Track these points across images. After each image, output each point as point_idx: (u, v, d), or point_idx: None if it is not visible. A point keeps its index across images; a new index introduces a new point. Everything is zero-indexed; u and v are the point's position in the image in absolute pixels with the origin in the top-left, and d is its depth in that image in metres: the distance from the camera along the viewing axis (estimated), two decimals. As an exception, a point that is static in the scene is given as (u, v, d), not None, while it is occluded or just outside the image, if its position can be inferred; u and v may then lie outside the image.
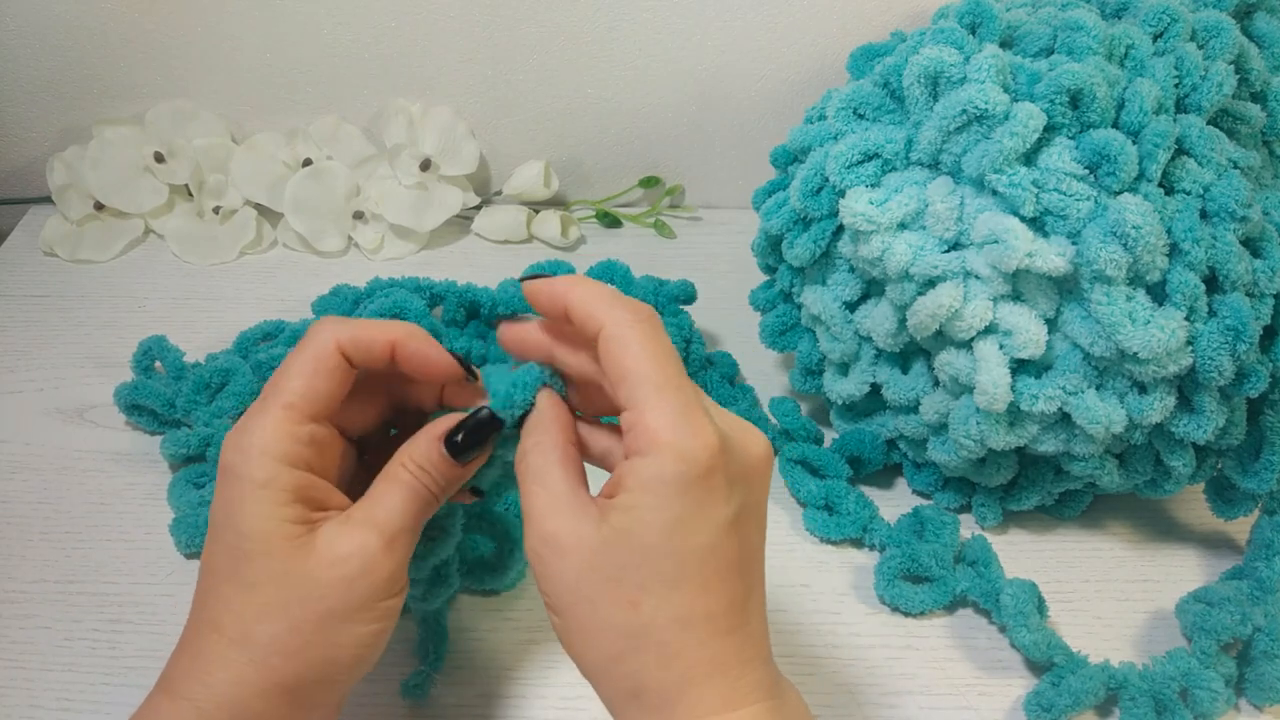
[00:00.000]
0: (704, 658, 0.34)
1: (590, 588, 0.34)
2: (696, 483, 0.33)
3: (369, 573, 0.36)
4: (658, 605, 0.33)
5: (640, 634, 0.33)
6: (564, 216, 0.72)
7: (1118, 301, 0.45)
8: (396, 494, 0.37)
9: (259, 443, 0.36)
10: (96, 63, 0.70)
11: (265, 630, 0.35)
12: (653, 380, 0.34)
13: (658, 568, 0.33)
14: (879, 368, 0.54)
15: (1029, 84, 0.46)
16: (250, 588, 0.35)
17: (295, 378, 0.37)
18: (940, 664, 0.49)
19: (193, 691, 0.35)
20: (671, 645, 0.34)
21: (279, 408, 0.36)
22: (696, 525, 0.33)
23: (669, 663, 0.34)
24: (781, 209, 0.54)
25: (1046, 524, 0.56)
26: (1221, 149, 0.46)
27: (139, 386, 0.58)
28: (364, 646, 0.36)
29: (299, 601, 0.35)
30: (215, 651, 0.36)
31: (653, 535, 0.33)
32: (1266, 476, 0.49)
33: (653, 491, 0.33)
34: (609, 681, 0.35)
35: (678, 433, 0.33)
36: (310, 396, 0.37)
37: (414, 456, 0.37)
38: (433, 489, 0.38)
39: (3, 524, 0.54)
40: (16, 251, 0.71)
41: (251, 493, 0.35)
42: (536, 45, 0.69)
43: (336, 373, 0.37)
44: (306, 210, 0.70)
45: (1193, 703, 0.46)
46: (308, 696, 0.36)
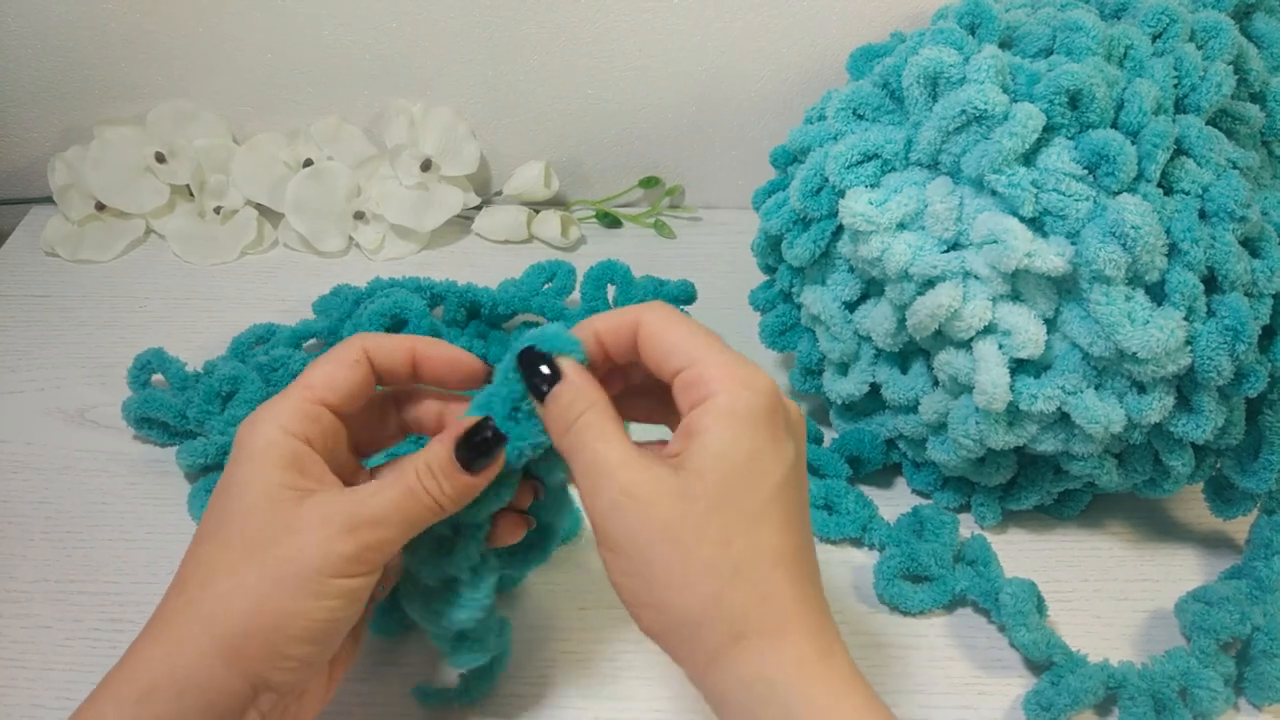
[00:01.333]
0: (795, 596, 0.35)
1: (680, 532, 0.34)
2: (765, 416, 0.35)
3: (325, 545, 0.36)
4: (747, 542, 0.34)
5: (736, 571, 0.34)
6: (564, 216, 0.73)
7: (1117, 301, 0.45)
8: (390, 486, 0.37)
9: (270, 411, 0.38)
10: (97, 63, 0.70)
11: (222, 584, 0.36)
12: (703, 342, 0.36)
13: (741, 504, 0.34)
14: (878, 367, 0.54)
15: (1028, 84, 0.46)
16: (224, 545, 0.36)
17: (319, 367, 0.39)
18: (940, 663, 0.49)
19: (144, 655, 0.36)
20: (766, 582, 0.34)
21: (298, 387, 0.38)
22: (770, 461, 0.35)
23: (767, 599, 0.34)
24: (781, 209, 0.54)
25: (1046, 523, 0.56)
26: (1220, 149, 0.46)
27: (149, 399, 0.57)
28: (312, 620, 0.36)
29: (260, 559, 0.36)
30: (171, 609, 0.36)
31: (734, 470, 0.34)
32: (1265, 476, 0.49)
33: (729, 426, 0.34)
34: (707, 630, 0.34)
35: (741, 374, 0.35)
36: (328, 382, 0.38)
37: (425, 457, 0.38)
38: (435, 493, 0.37)
39: (3, 524, 0.54)
40: (18, 251, 0.71)
41: (253, 453, 0.37)
42: (537, 45, 0.69)
43: (358, 368, 0.39)
44: (307, 210, 0.70)
45: (1192, 702, 0.46)
46: (253, 664, 0.36)
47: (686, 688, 0.47)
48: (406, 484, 0.37)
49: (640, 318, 0.37)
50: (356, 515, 0.36)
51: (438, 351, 0.40)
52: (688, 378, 0.36)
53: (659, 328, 0.37)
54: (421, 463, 0.37)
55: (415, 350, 0.40)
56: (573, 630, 0.50)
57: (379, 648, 0.48)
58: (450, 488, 0.37)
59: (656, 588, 0.35)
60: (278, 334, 0.62)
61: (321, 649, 0.37)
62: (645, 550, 0.34)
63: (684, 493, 0.34)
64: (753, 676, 0.34)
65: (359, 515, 0.36)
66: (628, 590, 0.36)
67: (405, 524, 0.37)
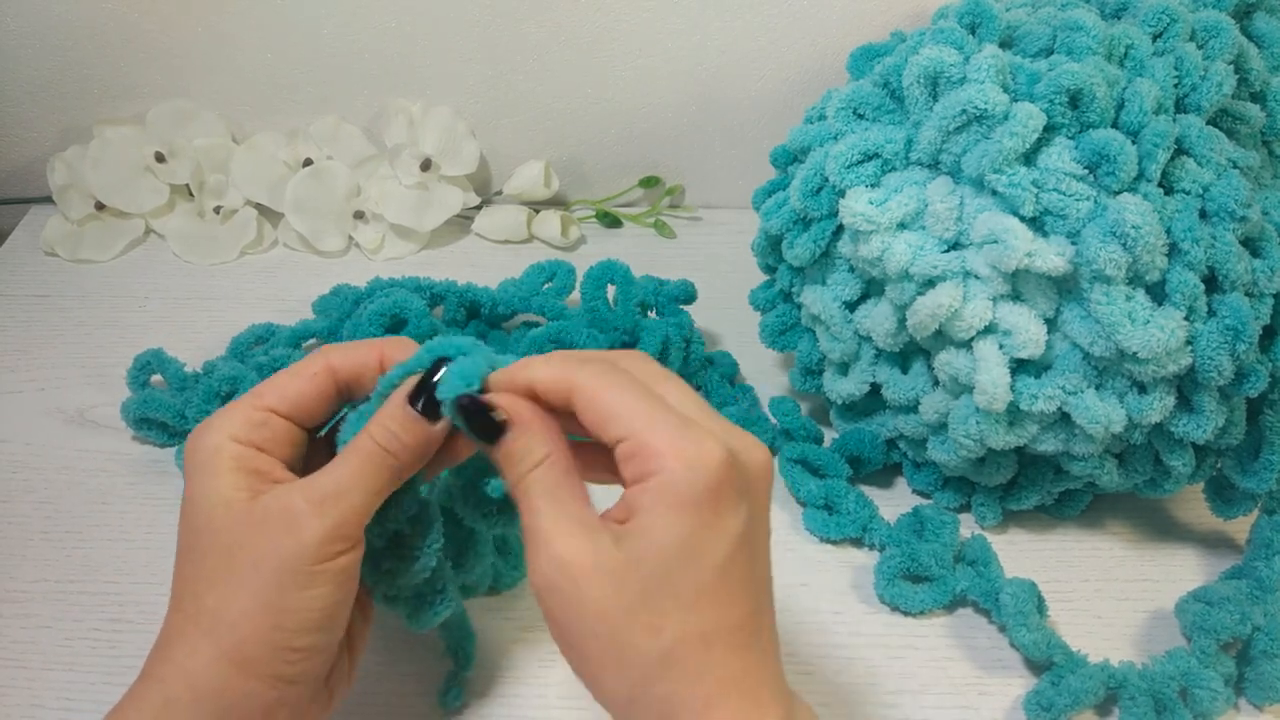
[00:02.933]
0: (726, 675, 0.33)
1: (610, 616, 0.33)
2: (707, 495, 0.33)
3: (295, 534, 0.35)
4: (678, 626, 0.33)
5: (665, 658, 0.33)
6: (564, 216, 0.72)
7: (1117, 301, 0.45)
8: (347, 459, 0.37)
9: (216, 422, 0.37)
10: (97, 63, 0.70)
11: (212, 599, 0.36)
12: (642, 410, 0.34)
13: (676, 589, 0.33)
14: (879, 367, 0.54)
15: (1029, 84, 0.46)
16: (200, 560, 0.36)
17: (273, 378, 0.39)
18: (940, 663, 0.49)
19: (159, 672, 0.36)
20: (696, 665, 0.33)
21: (246, 397, 0.38)
22: (711, 541, 0.33)
23: (694, 683, 0.33)
24: (781, 209, 0.54)
25: (1046, 523, 0.56)
26: (1221, 149, 0.46)
27: (148, 399, 0.57)
28: (308, 611, 0.36)
29: (236, 565, 0.36)
30: (174, 629, 0.37)
31: (669, 556, 0.33)
32: (1266, 476, 0.49)
33: (665, 508, 0.33)
34: (637, 711, 0.34)
35: (683, 446, 0.33)
36: (280, 392, 0.38)
37: (379, 418, 0.37)
38: (395, 448, 0.36)
39: (3, 524, 0.54)
40: (17, 251, 0.71)
41: (201, 463, 0.37)
42: (536, 45, 0.69)
43: (314, 379, 0.38)
44: (307, 210, 0.70)
45: (1192, 702, 0.46)
46: (264, 666, 0.36)
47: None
48: (363, 449, 0.37)
49: (574, 383, 0.35)
50: (316, 495, 0.36)
51: (406, 352, 0.39)
52: (628, 449, 0.34)
53: (596, 394, 0.34)
54: (375, 424, 0.37)
55: (383, 355, 0.39)
56: (573, 630, 0.50)
57: (378, 649, 0.48)
58: (409, 437, 0.37)
59: (590, 666, 0.34)
60: (277, 334, 0.62)
61: (327, 634, 0.37)
62: (578, 628, 0.34)
63: (618, 575, 0.33)
64: None
65: (319, 494, 0.36)
66: (569, 661, 0.35)
67: (369, 490, 0.37)
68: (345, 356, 0.39)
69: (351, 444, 0.37)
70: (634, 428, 0.33)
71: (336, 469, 0.36)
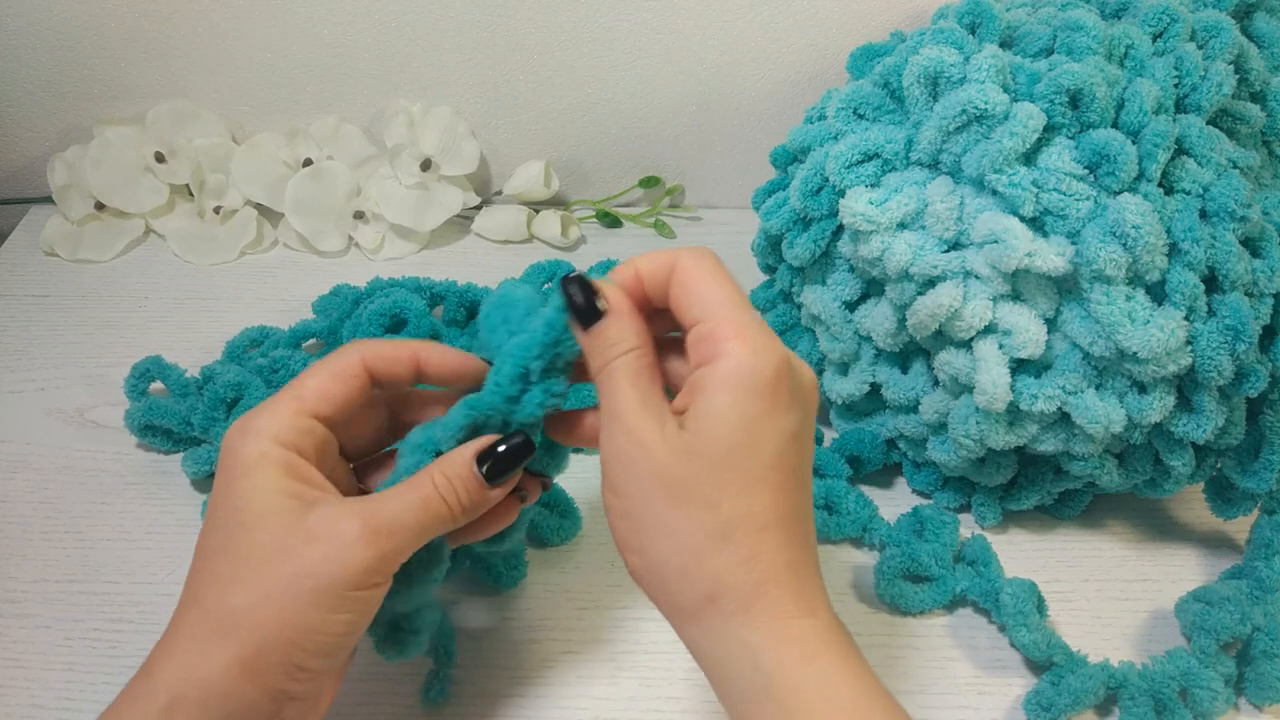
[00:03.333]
0: (780, 560, 0.35)
1: (674, 485, 0.35)
2: (768, 385, 0.35)
3: (343, 558, 0.35)
4: (736, 505, 0.34)
5: (722, 533, 0.34)
6: (564, 216, 0.72)
7: (1117, 301, 0.45)
8: (407, 494, 0.37)
9: (260, 423, 0.37)
10: (97, 63, 0.70)
11: (238, 598, 0.35)
12: (725, 298, 0.36)
13: (735, 468, 0.35)
14: (879, 367, 0.54)
15: (1029, 84, 0.46)
16: (236, 560, 0.36)
17: (312, 377, 0.38)
18: (940, 663, 0.49)
19: (165, 669, 0.36)
20: (751, 545, 0.35)
21: (289, 398, 0.38)
22: (768, 428, 0.35)
23: (749, 562, 0.35)
24: (781, 209, 0.54)
25: (1046, 523, 0.56)
26: (1221, 149, 0.46)
27: (153, 407, 0.56)
28: (330, 635, 0.36)
29: (274, 573, 0.35)
30: (189, 625, 0.36)
31: (730, 434, 0.34)
32: (1266, 476, 0.49)
33: (729, 390, 0.34)
34: (685, 584, 0.35)
35: (751, 337, 0.35)
36: (321, 395, 0.38)
37: (445, 468, 0.37)
38: (452, 504, 0.37)
39: (3, 524, 0.54)
40: (17, 251, 0.71)
41: (248, 465, 0.36)
42: (536, 45, 0.69)
43: (354, 381, 0.39)
44: (307, 210, 0.70)
45: (1192, 702, 0.46)
46: (273, 678, 0.36)
47: (686, 688, 0.47)
48: (423, 493, 0.37)
49: (677, 261, 0.37)
50: (372, 525, 0.36)
51: (442, 356, 0.40)
52: (701, 332, 0.36)
53: (690, 275, 0.37)
54: (439, 473, 0.37)
55: (418, 356, 0.40)
56: (572, 630, 0.50)
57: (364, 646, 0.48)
58: (468, 498, 0.38)
59: (644, 534, 0.35)
60: (271, 336, 0.62)
61: (336, 660, 0.37)
62: (640, 496, 0.35)
63: (683, 450, 0.35)
64: (727, 635, 0.35)
65: (376, 525, 0.36)
66: (621, 531, 0.36)
67: (420, 533, 0.37)
68: (379, 355, 0.39)
69: (415, 482, 0.37)
70: (713, 312, 0.36)
71: (396, 505, 0.37)
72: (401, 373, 0.40)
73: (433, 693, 0.46)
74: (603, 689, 0.48)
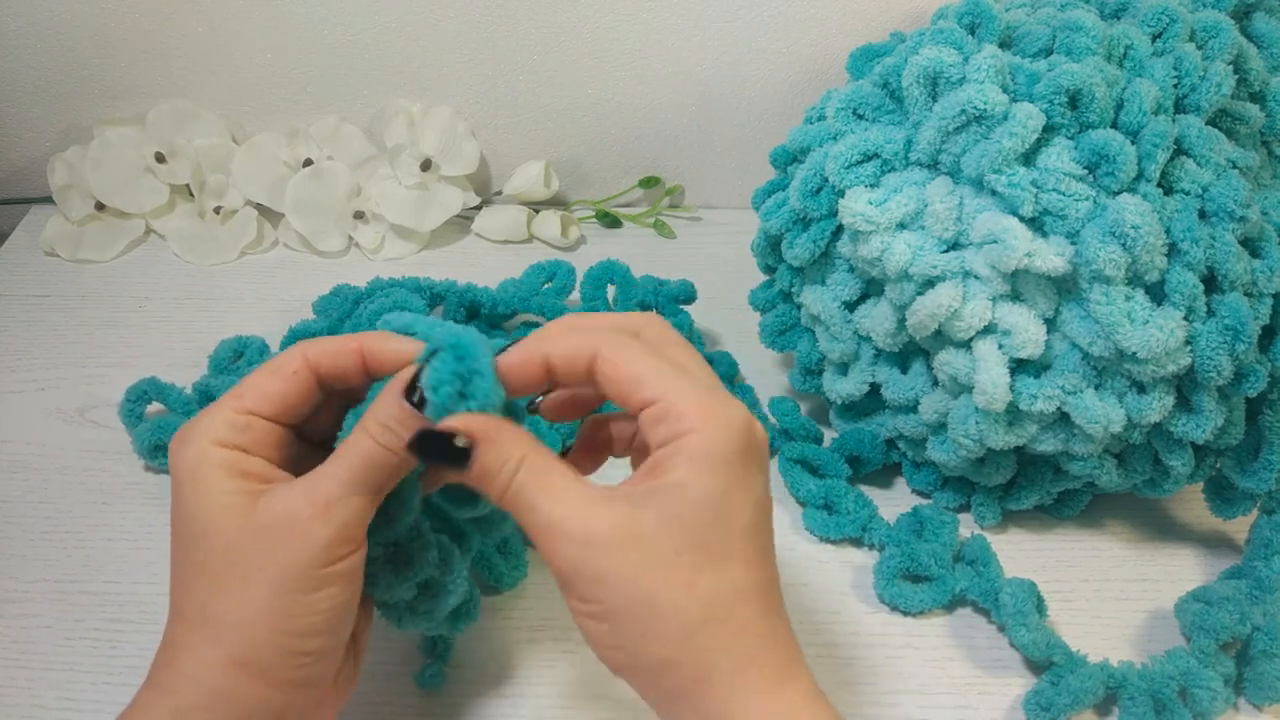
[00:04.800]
0: (762, 630, 0.34)
1: (646, 577, 0.33)
2: (739, 454, 0.34)
3: (301, 539, 0.35)
4: (713, 582, 0.34)
5: (703, 614, 0.34)
6: (564, 216, 0.73)
7: (1116, 301, 0.45)
8: (345, 458, 0.36)
9: (198, 428, 0.36)
10: (97, 63, 0.70)
11: (217, 607, 0.35)
12: (670, 372, 0.35)
13: (709, 545, 0.34)
14: (878, 367, 0.54)
15: (1028, 84, 0.46)
16: (201, 567, 0.36)
17: (252, 376, 0.38)
18: (940, 663, 0.49)
19: (167, 679, 0.36)
20: (734, 621, 0.34)
21: (227, 399, 0.37)
22: (739, 500, 0.34)
23: (735, 638, 0.34)
24: (781, 209, 0.54)
25: (1045, 523, 0.56)
26: (1220, 149, 0.46)
27: (161, 426, 0.55)
28: (317, 614, 0.36)
29: (242, 572, 0.35)
30: (179, 637, 0.36)
31: (704, 512, 0.34)
32: (1265, 476, 0.49)
33: (700, 466, 0.34)
34: (674, 674, 0.34)
35: (714, 409, 0.34)
36: (260, 393, 0.37)
37: (375, 415, 0.36)
38: (395, 446, 0.36)
39: (3, 524, 0.54)
40: (17, 251, 0.71)
41: (190, 471, 0.36)
42: (536, 45, 0.69)
43: (293, 378, 0.37)
44: (307, 210, 0.70)
45: (1192, 702, 0.46)
46: (275, 671, 0.35)
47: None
48: (361, 448, 0.36)
49: (598, 350, 0.35)
50: (320, 498, 0.35)
51: (385, 345, 0.38)
52: (657, 412, 0.34)
53: (621, 360, 0.35)
54: (372, 422, 0.36)
55: (363, 348, 0.38)
56: (573, 630, 0.50)
57: (378, 649, 0.48)
58: (408, 433, 0.36)
59: (623, 634, 0.34)
60: (251, 345, 0.61)
61: (335, 636, 0.37)
62: (612, 597, 0.34)
63: (651, 534, 0.33)
64: (714, 713, 0.34)
65: (323, 497, 0.35)
66: (596, 634, 0.35)
67: (371, 489, 0.36)
68: (323, 351, 0.38)
69: (348, 442, 0.36)
70: (662, 391, 0.34)
71: (336, 469, 0.36)
72: (347, 366, 0.38)
73: (428, 675, 0.46)
74: (603, 689, 0.48)
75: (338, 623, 0.37)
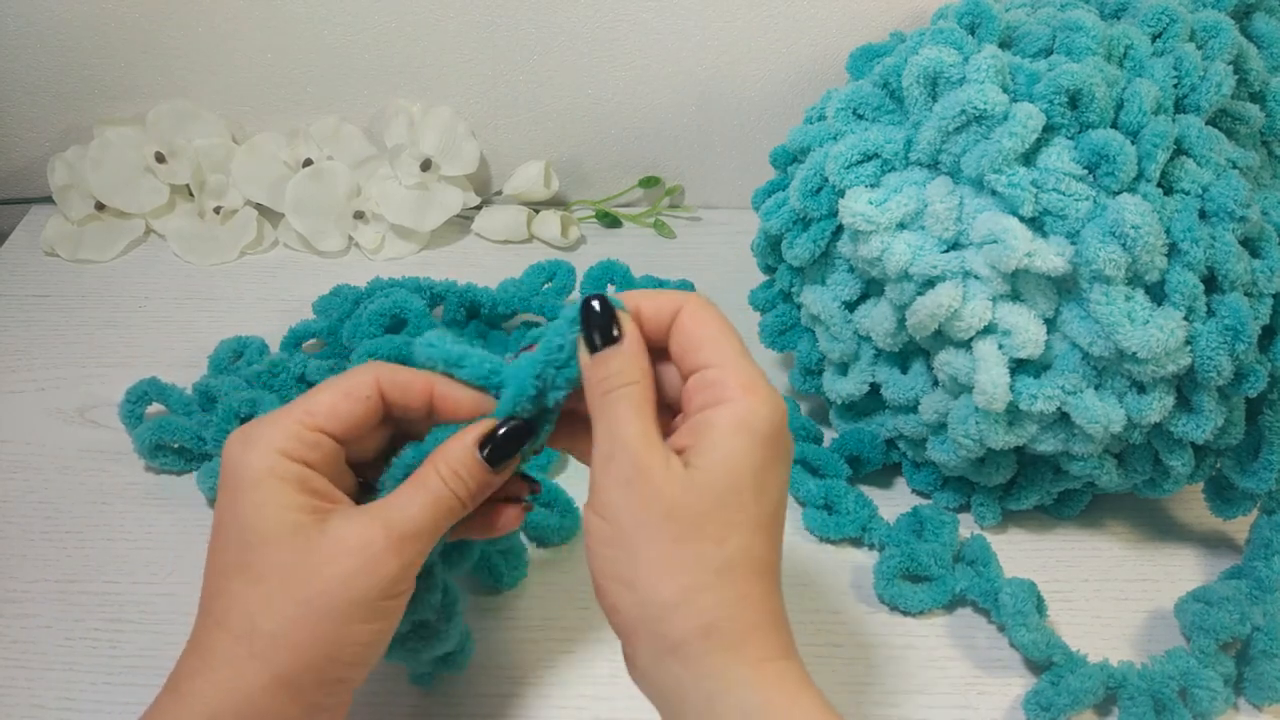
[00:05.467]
0: (768, 606, 0.36)
1: (679, 520, 0.34)
2: (777, 434, 0.36)
3: (372, 570, 0.35)
4: (740, 546, 0.35)
5: (723, 570, 0.35)
6: (564, 216, 0.73)
7: (1116, 301, 0.45)
8: (418, 496, 0.36)
9: (266, 435, 0.36)
10: (97, 63, 0.70)
11: (269, 623, 0.35)
12: (734, 349, 0.37)
13: (744, 509, 0.35)
14: (878, 367, 0.54)
15: (1028, 84, 0.46)
16: (256, 580, 0.35)
17: (325, 393, 0.38)
18: (940, 663, 0.49)
19: (199, 689, 0.35)
20: (749, 586, 0.35)
21: (300, 412, 0.37)
22: (772, 477, 0.36)
23: (744, 601, 0.35)
24: (781, 209, 0.54)
25: (1045, 523, 0.56)
26: (1220, 149, 0.46)
27: (163, 426, 0.55)
28: (364, 645, 0.36)
29: (302, 594, 0.35)
30: (220, 648, 0.35)
31: (741, 477, 0.35)
32: (1265, 476, 0.49)
33: (741, 434, 0.35)
34: (677, 617, 0.34)
35: (760, 389, 0.36)
36: (332, 412, 0.37)
37: (447, 460, 0.37)
38: (461, 495, 0.37)
39: (3, 524, 0.54)
40: (17, 251, 0.71)
41: (255, 479, 0.35)
42: (536, 45, 0.69)
43: (366, 403, 0.38)
44: (307, 210, 0.70)
45: (1192, 702, 0.46)
46: (310, 694, 0.36)
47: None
48: (431, 490, 0.36)
49: (684, 305, 0.37)
50: (394, 532, 0.36)
51: (457, 394, 0.38)
52: (708, 377, 0.36)
53: (699, 322, 0.37)
54: (443, 465, 0.37)
55: (434, 390, 0.39)
56: (573, 630, 0.50)
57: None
58: (474, 484, 0.37)
59: (638, 564, 0.35)
60: (250, 345, 0.61)
61: (368, 668, 0.37)
62: (641, 527, 0.35)
63: (690, 485, 0.35)
64: (713, 671, 0.34)
65: (400, 532, 0.36)
66: (606, 560, 0.36)
67: (435, 531, 0.37)
68: (394, 382, 0.38)
69: (418, 480, 0.37)
70: (721, 358, 0.36)
71: (411, 508, 0.36)
72: (414, 404, 0.38)
73: (419, 674, 0.46)
74: (603, 689, 0.48)
75: (376, 654, 0.37)
